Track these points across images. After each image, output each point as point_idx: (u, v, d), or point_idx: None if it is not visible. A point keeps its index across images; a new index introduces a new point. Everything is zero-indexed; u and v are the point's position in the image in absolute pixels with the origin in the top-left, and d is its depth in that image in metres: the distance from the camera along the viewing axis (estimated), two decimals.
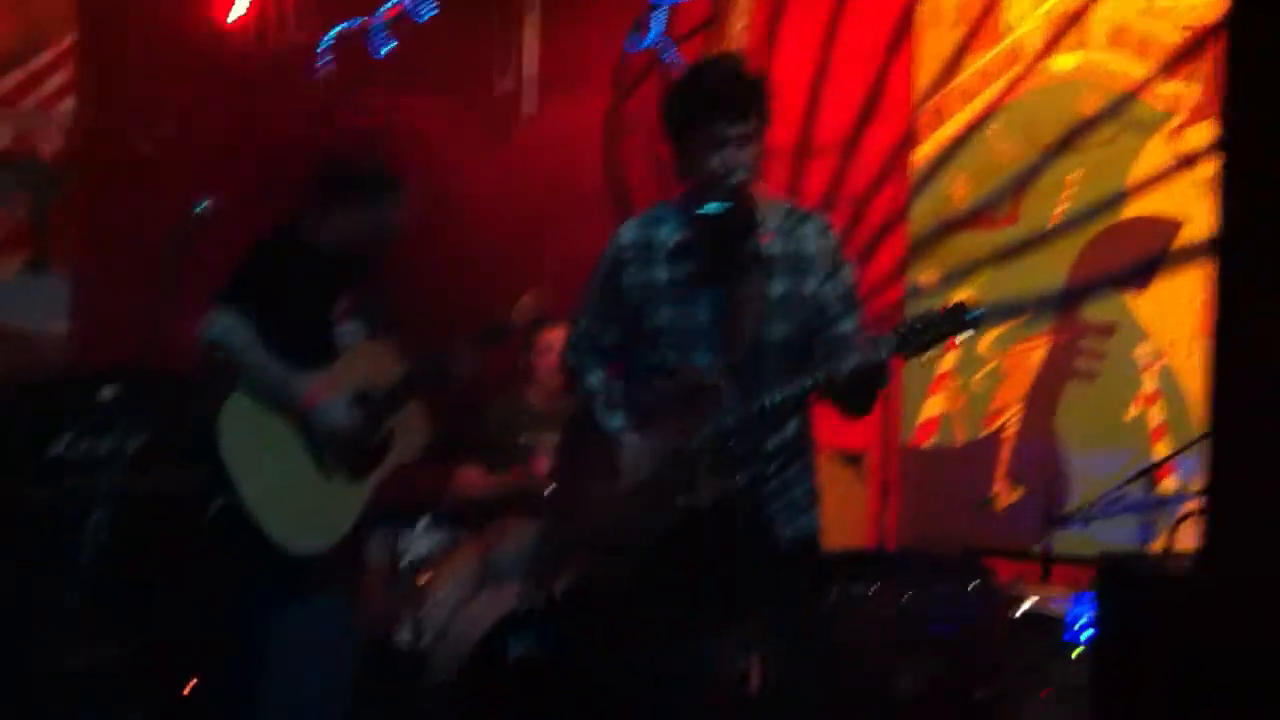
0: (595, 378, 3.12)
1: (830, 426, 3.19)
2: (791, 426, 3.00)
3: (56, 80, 5.74)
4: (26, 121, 5.64)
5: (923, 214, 5.03)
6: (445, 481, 4.50)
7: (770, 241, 2.92)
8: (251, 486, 3.52)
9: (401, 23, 5.37)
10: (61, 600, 3.91)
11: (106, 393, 4.29)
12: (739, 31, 5.08)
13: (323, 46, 5.53)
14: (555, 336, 4.18)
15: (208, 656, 4.03)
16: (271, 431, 3.60)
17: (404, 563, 4.11)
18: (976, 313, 2.81)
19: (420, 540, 4.20)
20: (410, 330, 3.98)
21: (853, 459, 4.46)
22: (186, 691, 3.99)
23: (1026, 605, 3.80)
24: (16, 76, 5.62)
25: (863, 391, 2.89)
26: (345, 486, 3.71)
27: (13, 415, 4.44)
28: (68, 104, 5.72)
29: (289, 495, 3.59)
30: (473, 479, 4.50)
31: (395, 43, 5.41)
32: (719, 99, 2.89)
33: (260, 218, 3.80)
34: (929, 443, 4.98)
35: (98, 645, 4.02)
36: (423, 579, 4.12)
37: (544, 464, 4.26)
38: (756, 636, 3.16)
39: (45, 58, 5.69)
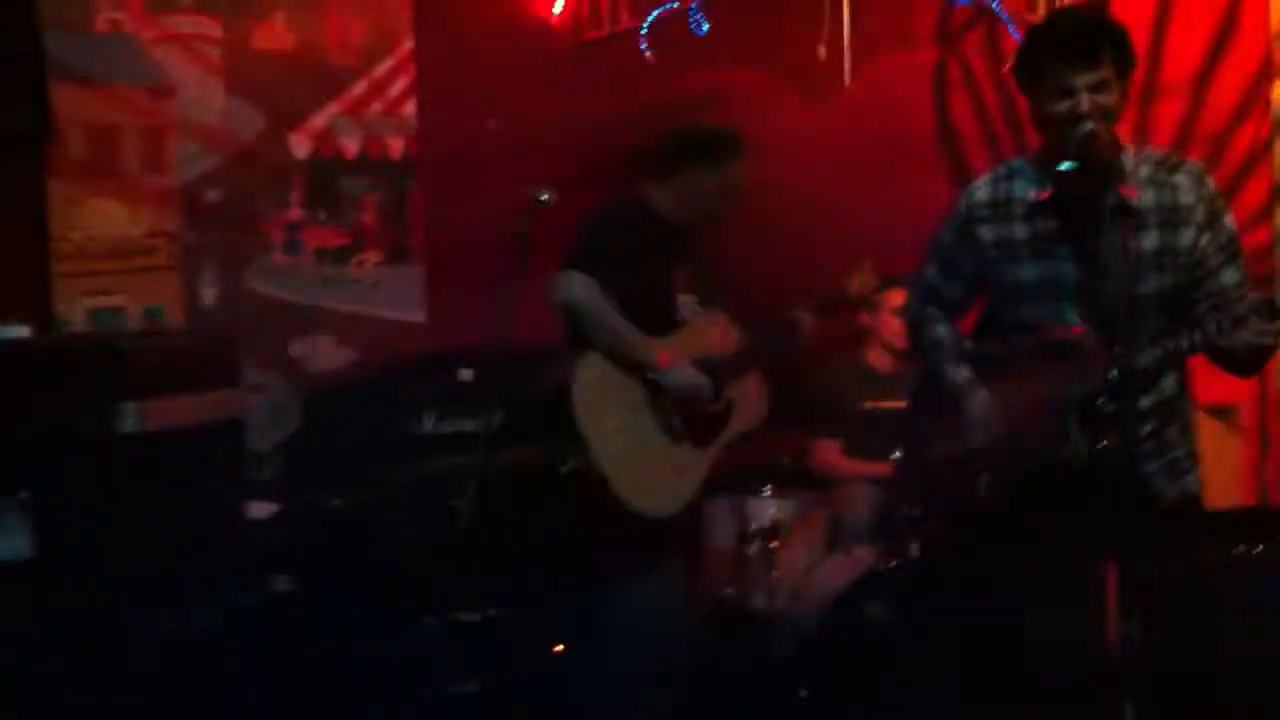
0: (942, 330, 3.09)
1: (1198, 380, 3.01)
2: (1169, 384, 2.89)
3: (400, 84, 6.10)
4: (374, 126, 6.02)
5: None
6: (789, 450, 4.49)
7: (1139, 193, 2.79)
8: (605, 452, 3.58)
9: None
10: (427, 574, 4.13)
11: (465, 374, 4.52)
12: None
13: (644, 30, 5.63)
14: (896, 299, 4.10)
15: (562, 622, 4.16)
16: (622, 396, 3.67)
17: (753, 529, 4.13)
18: None
19: (767, 507, 4.21)
20: (743, 301, 3.99)
21: (1224, 412, 4.17)
22: (557, 649, 4.14)
23: None
24: (362, 84, 6.01)
25: (1256, 353, 2.74)
26: (690, 453, 3.76)
27: (379, 400, 4.74)
28: (410, 106, 6.06)
29: (640, 460, 3.65)
30: (834, 459, 4.44)
31: (711, 22, 5.43)
32: (1074, 46, 2.80)
33: (595, 198, 3.90)
34: None
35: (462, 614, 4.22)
36: (773, 544, 4.12)
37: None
38: (1132, 600, 3.00)
39: (387, 64, 6.05)
